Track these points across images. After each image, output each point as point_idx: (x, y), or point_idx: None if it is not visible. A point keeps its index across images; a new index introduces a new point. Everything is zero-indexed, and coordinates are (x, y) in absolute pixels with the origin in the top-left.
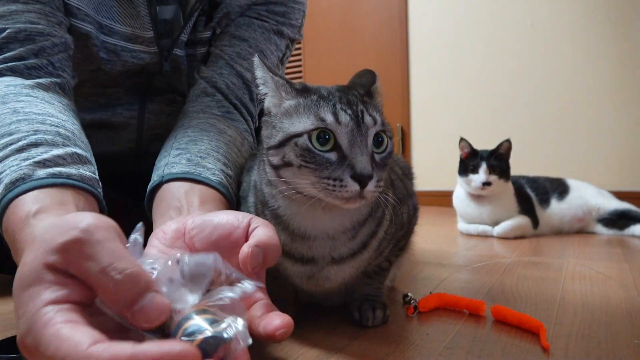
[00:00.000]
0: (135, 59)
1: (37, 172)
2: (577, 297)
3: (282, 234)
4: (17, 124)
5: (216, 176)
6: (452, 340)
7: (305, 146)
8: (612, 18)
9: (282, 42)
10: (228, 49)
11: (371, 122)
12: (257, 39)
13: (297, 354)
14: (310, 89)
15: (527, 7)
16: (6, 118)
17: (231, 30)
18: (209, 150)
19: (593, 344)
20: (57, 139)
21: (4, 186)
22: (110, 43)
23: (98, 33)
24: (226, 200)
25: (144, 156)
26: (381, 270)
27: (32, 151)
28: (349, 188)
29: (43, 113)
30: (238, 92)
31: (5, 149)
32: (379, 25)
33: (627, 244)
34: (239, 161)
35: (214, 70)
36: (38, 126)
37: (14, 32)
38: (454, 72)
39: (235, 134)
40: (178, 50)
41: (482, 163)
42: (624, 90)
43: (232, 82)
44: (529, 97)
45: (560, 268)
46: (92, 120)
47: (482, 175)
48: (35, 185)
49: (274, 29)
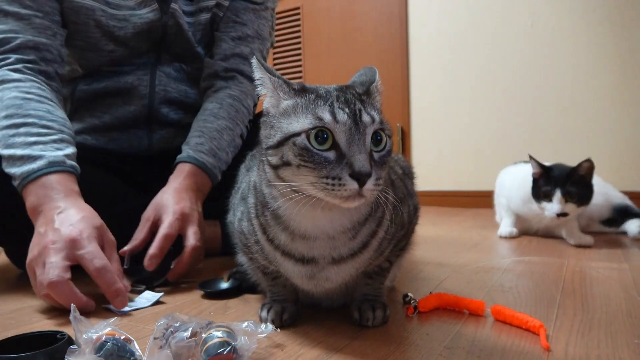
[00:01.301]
0: (141, 20)
1: (67, 162)
2: (577, 297)
3: (283, 234)
4: (51, 122)
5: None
6: (452, 340)
7: (303, 145)
8: (612, 18)
9: (268, 14)
10: (230, 33)
11: (369, 120)
12: (252, 20)
13: (297, 354)
14: (307, 89)
15: (528, 8)
16: (45, 115)
17: (231, 17)
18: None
19: (593, 344)
20: (67, 136)
21: (46, 163)
22: (120, 14)
23: (105, 7)
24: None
25: (155, 121)
26: (381, 271)
27: (62, 144)
28: (347, 186)
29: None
30: (237, 67)
31: (45, 136)
32: (379, 25)
33: (627, 244)
34: (215, 124)
35: (218, 53)
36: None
37: (25, 41)
38: (454, 72)
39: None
40: (175, 5)
41: (557, 191)
42: (624, 90)
43: (234, 60)
44: (529, 97)
45: (560, 268)
46: (109, 87)
47: (556, 205)
48: (64, 169)
49: (262, 7)
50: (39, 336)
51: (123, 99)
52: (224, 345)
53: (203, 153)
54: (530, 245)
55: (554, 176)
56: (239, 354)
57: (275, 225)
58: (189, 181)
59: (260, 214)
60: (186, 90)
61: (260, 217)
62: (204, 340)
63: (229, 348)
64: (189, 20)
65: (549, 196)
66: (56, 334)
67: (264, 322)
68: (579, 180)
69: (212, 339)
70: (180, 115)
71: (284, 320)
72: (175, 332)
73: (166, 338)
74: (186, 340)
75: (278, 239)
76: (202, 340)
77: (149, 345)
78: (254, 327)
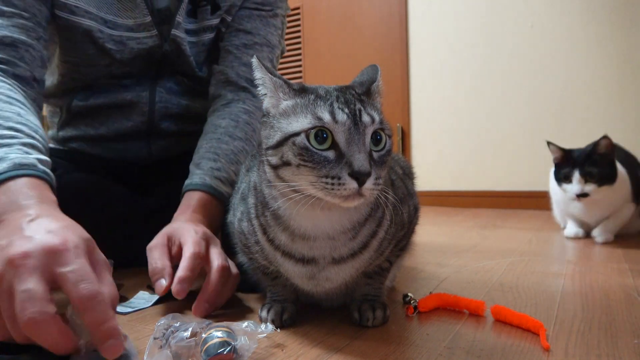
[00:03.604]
0: (140, 45)
1: (39, 166)
2: (577, 297)
3: (283, 235)
4: (20, 125)
5: (202, 179)
6: (452, 340)
7: (303, 145)
8: (611, 19)
9: (278, 21)
10: (235, 42)
11: (369, 120)
12: (258, 27)
13: (297, 354)
14: (307, 89)
15: (528, 8)
16: (14, 117)
17: (235, 25)
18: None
19: (593, 344)
20: (39, 144)
21: (12, 164)
22: (116, 35)
23: (103, 27)
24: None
25: (155, 133)
26: (381, 271)
27: (32, 150)
28: (347, 186)
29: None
30: (248, 75)
31: (10, 139)
32: (379, 25)
33: (627, 244)
34: (231, 145)
35: (226, 64)
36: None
37: (1, 37)
38: (454, 72)
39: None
40: (177, 31)
41: (575, 171)
42: (624, 90)
43: (242, 69)
44: (529, 98)
45: (560, 268)
46: (109, 102)
47: (576, 186)
48: (36, 174)
49: (270, 14)
50: None
51: (122, 114)
52: (224, 345)
53: (220, 181)
54: (530, 245)
55: (574, 157)
56: (239, 354)
57: (276, 226)
58: (199, 216)
59: (260, 214)
60: (187, 105)
61: (261, 217)
62: (204, 340)
63: (229, 348)
64: (192, 40)
65: (568, 177)
66: None
67: (264, 322)
68: (598, 159)
69: (212, 339)
70: (181, 126)
71: (284, 320)
72: (175, 332)
73: (166, 338)
74: (186, 340)
75: (278, 239)
76: (202, 340)
77: (149, 345)
78: (254, 327)
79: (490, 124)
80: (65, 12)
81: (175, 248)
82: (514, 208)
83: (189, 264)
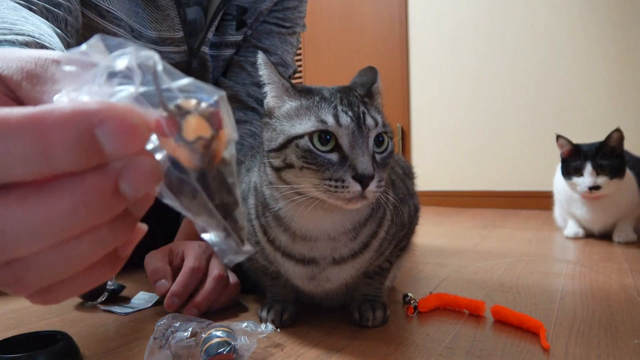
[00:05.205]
0: (165, 59)
1: None
2: (577, 297)
3: (284, 236)
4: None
5: None
6: (452, 340)
7: (306, 147)
8: (611, 18)
9: (294, 39)
10: (251, 58)
11: (372, 123)
12: (276, 45)
13: (297, 354)
14: (311, 90)
15: (527, 8)
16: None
17: (253, 41)
18: None
19: (593, 344)
20: None
21: None
22: (140, 44)
23: (129, 36)
24: None
25: None
26: (382, 271)
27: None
28: (350, 188)
29: None
30: (258, 96)
31: None
32: (379, 25)
33: (627, 244)
34: None
35: (237, 81)
36: None
37: None
38: (454, 72)
39: None
40: (205, 47)
41: (587, 164)
42: (624, 90)
43: (253, 89)
44: (529, 98)
45: (560, 268)
46: None
47: (588, 178)
48: None
49: (289, 32)
50: (39, 336)
51: None
52: (223, 345)
53: None
54: (530, 245)
55: (584, 151)
56: (239, 354)
57: (276, 227)
58: (201, 242)
59: (260, 215)
60: None
61: (261, 218)
62: (204, 340)
63: (229, 348)
64: (212, 53)
65: (579, 170)
66: (56, 334)
67: (264, 322)
68: (610, 152)
69: (212, 339)
70: None
71: (284, 320)
72: (175, 332)
73: (166, 338)
74: (186, 340)
75: (279, 240)
76: (202, 340)
77: (149, 345)
78: (254, 327)
79: (490, 124)
80: (94, 13)
81: (177, 260)
82: (513, 208)
83: (185, 280)
